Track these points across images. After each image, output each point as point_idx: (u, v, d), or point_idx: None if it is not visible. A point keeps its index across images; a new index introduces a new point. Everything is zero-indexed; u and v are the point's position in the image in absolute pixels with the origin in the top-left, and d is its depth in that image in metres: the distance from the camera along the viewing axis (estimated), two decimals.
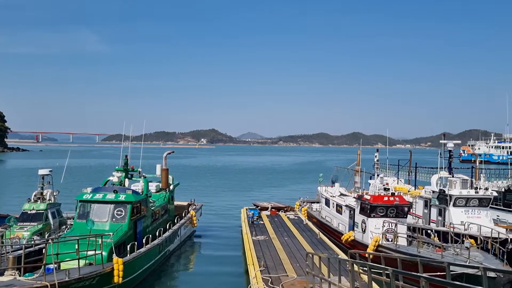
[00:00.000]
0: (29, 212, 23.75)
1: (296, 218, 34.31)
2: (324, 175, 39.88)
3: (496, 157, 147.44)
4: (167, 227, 27.09)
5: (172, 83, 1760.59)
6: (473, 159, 56.09)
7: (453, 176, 28.63)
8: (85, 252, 17.31)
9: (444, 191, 27.23)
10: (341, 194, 34.48)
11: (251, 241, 25.26)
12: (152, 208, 26.09)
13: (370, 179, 35.22)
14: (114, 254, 18.44)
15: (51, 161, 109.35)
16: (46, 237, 21.95)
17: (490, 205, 27.62)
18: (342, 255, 22.02)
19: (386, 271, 11.56)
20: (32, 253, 18.95)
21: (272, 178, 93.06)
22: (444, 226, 26.63)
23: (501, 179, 37.96)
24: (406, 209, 25.77)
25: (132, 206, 22.07)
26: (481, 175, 39.60)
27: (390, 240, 23.88)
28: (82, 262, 16.96)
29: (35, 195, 24.94)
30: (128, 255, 19.69)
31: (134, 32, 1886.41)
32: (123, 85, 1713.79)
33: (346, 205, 29.51)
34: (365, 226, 25.63)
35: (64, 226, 24.92)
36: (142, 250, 21.25)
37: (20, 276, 15.84)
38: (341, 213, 30.38)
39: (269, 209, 37.05)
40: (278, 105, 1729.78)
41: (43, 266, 15.90)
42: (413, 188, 35.93)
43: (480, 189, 27.06)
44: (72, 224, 22.38)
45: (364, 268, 13.74)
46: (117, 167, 26.90)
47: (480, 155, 64.88)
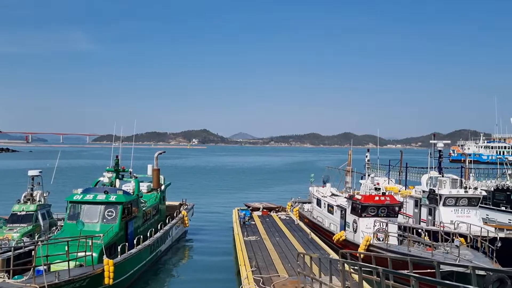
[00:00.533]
0: (19, 214, 23.54)
1: (288, 218, 34.36)
2: (316, 176, 39.97)
3: (486, 157, 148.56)
4: (159, 227, 27.00)
5: (164, 83, 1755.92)
6: (463, 159, 56.52)
7: (443, 176, 28.85)
8: (76, 254, 17.21)
9: (434, 191, 27.44)
10: (333, 194, 34.62)
11: (243, 242, 25.26)
12: (143, 209, 25.98)
13: (361, 179, 35.42)
14: (105, 255, 18.33)
15: (41, 162, 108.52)
16: (36, 239, 21.79)
17: (480, 204, 27.89)
18: (334, 255, 22.11)
19: (377, 271, 11.62)
20: (22, 255, 18.79)
21: (264, 179, 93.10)
22: (434, 225, 26.83)
23: (490, 179, 38.35)
24: (397, 209, 25.93)
25: (123, 207, 21.96)
26: (471, 175, 39.99)
27: (381, 240, 24.02)
28: (73, 264, 16.85)
29: (25, 196, 24.74)
30: (119, 256, 19.59)
31: (125, 32, 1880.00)
32: (114, 85, 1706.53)
33: (338, 205, 29.61)
34: (356, 226, 25.75)
35: (55, 227, 24.74)
36: (133, 251, 21.14)
37: (9, 279, 15.72)
38: (333, 213, 30.48)
39: (261, 210, 37.09)
40: (270, 106, 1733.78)
41: (33, 268, 15.79)
42: (404, 188, 36.13)
43: (470, 189, 27.31)
44: (63, 225, 22.22)
45: (355, 268, 13.81)
46: (108, 168, 26.75)
47: (470, 155, 65.36)
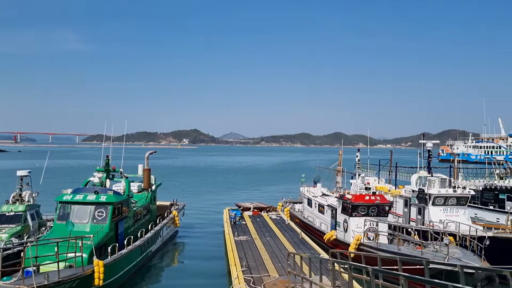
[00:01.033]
0: (7, 214, 23.32)
1: (278, 218, 34.44)
2: (307, 175, 40.11)
3: (474, 157, 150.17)
4: (149, 228, 26.90)
5: (154, 83, 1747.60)
6: (452, 159, 57.19)
7: (432, 176, 29.13)
8: (65, 255, 17.09)
9: (424, 190, 27.70)
10: (323, 194, 34.76)
11: (233, 242, 25.28)
12: (134, 209, 25.87)
13: (352, 179, 35.60)
14: (95, 256, 18.22)
15: (30, 162, 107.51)
16: (25, 239, 21.60)
17: (468, 204, 28.20)
18: (324, 255, 22.23)
19: (367, 270, 11.70)
20: (10, 256, 18.59)
21: (255, 179, 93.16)
22: (424, 225, 27.08)
23: (479, 178, 38.81)
24: (387, 208, 26.15)
25: (114, 207, 21.84)
26: (459, 175, 40.41)
27: (372, 239, 24.19)
28: (62, 265, 16.70)
29: (14, 197, 24.51)
30: (109, 257, 19.50)
31: (115, 32, 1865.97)
32: (104, 85, 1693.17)
33: (328, 205, 29.75)
34: (347, 225, 25.90)
35: (44, 228, 24.53)
36: (124, 252, 21.03)
37: None
38: (323, 213, 30.61)
39: (251, 210, 37.13)
40: (261, 106, 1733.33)
41: (22, 269, 15.62)
42: (394, 188, 36.41)
43: (458, 188, 27.61)
44: (52, 226, 22.05)
45: (345, 267, 13.88)
46: (98, 168, 26.61)
47: (458, 155, 66.04)
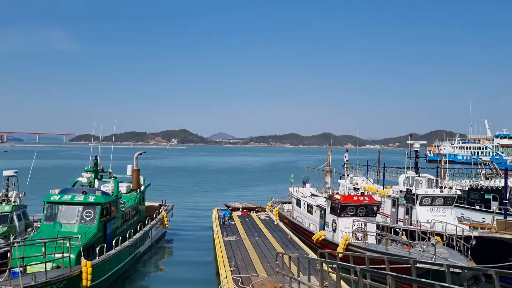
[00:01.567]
0: None
1: (267, 219, 34.51)
2: (296, 176, 40.25)
3: (461, 157, 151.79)
4: (138, 229, 26.80)
5: (142, 83, 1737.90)
6: (439, 159, 57.78)
7: (420, 176, 29.43)
8: (53, 255, 16.97)
9: (411, 191, 27.97)
10: (312, 195, 34.89)
11: (222, 242, 25.29)
12: (123, 209, 25.76)
13: (340, 179, 35.81)
14: (83, 257, 18.12)
15: (17, 162, 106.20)
16: (12, 240, 21.38)
17: (455, 204, 28.53)
18: (313, 255, 22.33)
19: (354, 269, 11.81)
20: None
21: (244, 179, 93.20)
22: (411, 225, 27.35)
23: (465, 178, 39.28)
24: (375, 209, 26.34)
25: (102, 208, 21.73)
26: (446, 175, 40.87)
27: (360, 239, 24.35)
28: (49, 265, 16.58)
29: (0, 197, 24.25)
30: (97, 258, 19.41)
31: (104, 32, 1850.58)
32: (92, 85, 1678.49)
33: (317, 205, 29.88)
34: (336, 226, 26.04)
35: (30, 229, 24.30)
36: (112, 252, 20.94)
37: None
38: (312, 213, 30.74)
39: (241, 210, 37.16)
40: (250, 106, 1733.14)
41: (8, 270, 15.47)
42: (382, 188, 36.69)
43: (445, 188, 27.92)
44: (39, 227, 21.86)
45: (333, 267, 13.99)
46: (86, 168, 26.42)
47: (445, 155, 66.73)
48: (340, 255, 18.71)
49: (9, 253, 16.72)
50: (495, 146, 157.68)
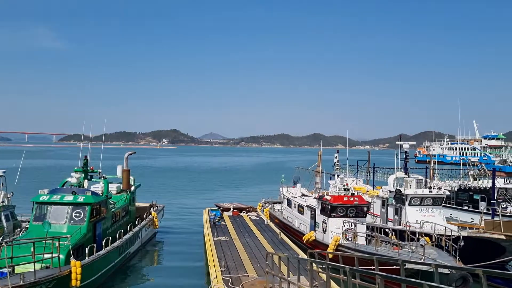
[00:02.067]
0: None
1: (258, 219, 34.55)
2: (286, 176, 40.34)
3: (449, 158, 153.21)
4: (128, 229, 26.69)
5: (133, 83, 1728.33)
6: (428, 160, 58.20)
7: (409, 176, 29.66)
8: (42, 255, 16.85)
9: (400, 191, 28.17)
10: (303, 195, 35.00)
11: (213, 242, 25.28)
12: (113, 210, 25.64)
13: (330, 180, 35.96)
14: (72, 257, 18.03)
15: (5, 162, 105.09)
16: (0, 240, 21.18)
17: (443, 204, 28.81)
18: (303, 255, 22.38)
19: (344, 269, 11.88)
20: None
21: (235, 179, 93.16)
22: (401, 225, 27.55)
23: (454, 179, 39.65)
24: (365, 209, 26.47)
25: (91, 208, 21.63)
26: (435, 175, 41.24)
27: (350, 240, 24.47)
28: (38, 266, 16.48)
29: None
30: (87, 258, 19.31)
31: (93, 31, 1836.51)
32: (82, 84, 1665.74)
33: (308, 206, 29.97)
34: (326, 226, 26.13)
35: (19, 229, 24.09)
36: (101, 253, 20.86)
37: None
38: (303, 214, 30.83)
39: (231, 210, 37.16)
40: (240, 106, 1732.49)
41: None
42: (371, 188, 36.92)
43: (434, 189, 28.17)
44: (28, 227, 21.69)
45: (323, 267, 14.06)
46: (76, 168, 26.26)
47: (434, 156, 67.29)
48: (330, 256, 18.82)
49: None
50: (483, 147, 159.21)
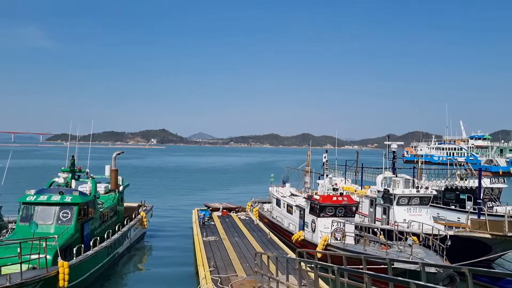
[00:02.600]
0: None
1: (247, 219, 34.56)
2: (275, 176, 40.41)
3: (437, 158, 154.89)
4: (116, 229, 26.53)
5: (121, 82, 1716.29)
6: (416, 160, 58.76)
7: (397, 176, 29.91)
8: (28, 256, 16.68)
9: (388, 191, 28.39)
10: (292, 194, 35.08)
11: (202, 242, 25.24)
12: (101, 210, 25.48)
13: (319, 179, 36.09)
14: (60, 258, 17.88)
15: None
16: None
17: (431, 204, 29.09)
18: (292, 255, 22.45)
19: (332, 269, 11.96)
20: None
21: (224, 179, 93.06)
22: (388, 224, 27.76)
23: (441, 179, 40.01)
24: (354, 209, 26.63)
25: (79, 208, 21.48)
26: (423, 175, 41.59)
27: (339, 239, 24.59)
28: (25, 266, 16.33)
29: None
30: (75, 258, 19.17)
31: (81, 29, 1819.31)
32: (69, 83, 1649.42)
33: (297, 205, 30.06)
34: (315, 226, 26.24)
35: (5, 230, 23.80)
36: (89, 253, 20.72)
37: None
38: (292, 213, 30.91)
39: (221, 210, 37.11)
40: (229, 106, 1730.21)
41: None
42: (360, 188, 37.12)
43: (421, 188, 28.44)
44: (14, 228, 21.45)
45: (312, 266, 14.12)
46: (63, 168, 26.03)
47: (422, 156, 67.95)
48: (319, 255, 18.90)
49: None
50: (470, 147, 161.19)
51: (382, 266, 16.36)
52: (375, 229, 27.32)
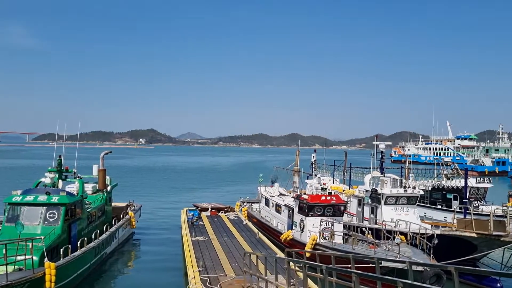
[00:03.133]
0: None
1: (236, 219, 34.56)
2: (264, 176, 40.46)
3: (424, 158, 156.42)
4: (104, 229, 26.35)
5: (109, 82, 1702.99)
6: (403, 160, 59.30)
7: (385, 176, 30.14)
8: (14, 257, 16.49)
9: (376, 190, 28.62)
10: (280, 194, 35.18)
11: (190, 242, 25.19)
12: (88, 210, 25.28)
13: (307, 179, 36.22)
14: (46, 259, 17.71)
15: None
16: None
17: (418, 203, 29.37)
18: (280, 254, 22.52)
19: (320, 268, 12.02)
20: None
21: (213, 179, 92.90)
22: (376, 224, 27.98)
23: (428, 179, 40.44)
24: (342, 208, 26.78)
25: (66, 208, 21.28)
26: (410, 175, 41.96)
27: (327, 239, 24.72)
28: (11, 268, 16.14)
29: None
30: (62, 259, 18.99)
31: (67, 29, 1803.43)
32: (56, 82, 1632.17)
33: (285, 205, 30.13)
34: (303, 225, 26.33)
35: None
36: (77, 254, 20.55)
37: None
38: (280, 213, 30.98)
39: (209, 210, 37.06)
40: (218, 106, 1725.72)
41: None
42: (348, 187, 37.35)
43: (408, 188, 28.70)
44: (0, 229, 21.18)
45: (300, 266, 14.19)
46: (50, 168, 25.76)
47: (409, 156, 68.65)
48: (307, 254, 18.99)
49: None
50: (456, 147, 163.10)
51: (370, 265, 16.53)
52: (363, 229, 27.51)
